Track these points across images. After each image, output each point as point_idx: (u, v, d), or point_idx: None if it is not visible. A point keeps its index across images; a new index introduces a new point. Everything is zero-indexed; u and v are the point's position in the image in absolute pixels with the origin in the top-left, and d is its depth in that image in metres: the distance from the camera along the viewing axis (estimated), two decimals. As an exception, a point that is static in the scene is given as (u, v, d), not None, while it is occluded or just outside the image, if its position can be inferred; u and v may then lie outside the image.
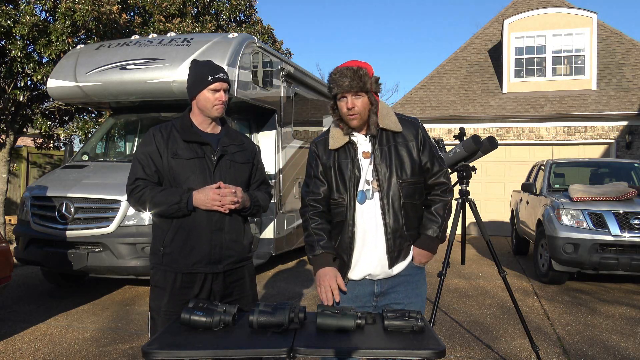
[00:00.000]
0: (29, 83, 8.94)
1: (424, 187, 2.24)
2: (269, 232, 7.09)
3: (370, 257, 2.16)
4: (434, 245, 2.20)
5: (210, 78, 2.32)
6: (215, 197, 2.25)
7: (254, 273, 2.55)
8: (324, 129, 2.39)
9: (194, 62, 2.43)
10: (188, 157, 2.32)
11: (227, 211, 2.30)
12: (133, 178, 2.34)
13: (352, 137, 2.20)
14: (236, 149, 2.44)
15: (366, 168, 2.18)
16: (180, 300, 2.26)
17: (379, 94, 2.21)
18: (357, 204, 2.16)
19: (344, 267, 2.19)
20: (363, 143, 2.21)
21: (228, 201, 2.27)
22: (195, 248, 2.30)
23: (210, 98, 2.33)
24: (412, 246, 2.20)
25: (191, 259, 2.30)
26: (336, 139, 2.21)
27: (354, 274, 2.19)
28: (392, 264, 2.15)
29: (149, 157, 2.33)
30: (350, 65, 2.09)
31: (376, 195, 2.14)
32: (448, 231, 2.42)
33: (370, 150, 2.19)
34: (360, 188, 2.17)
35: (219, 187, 2.27)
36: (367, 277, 2.19)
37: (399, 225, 2.13)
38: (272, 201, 7.04)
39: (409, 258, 2.20)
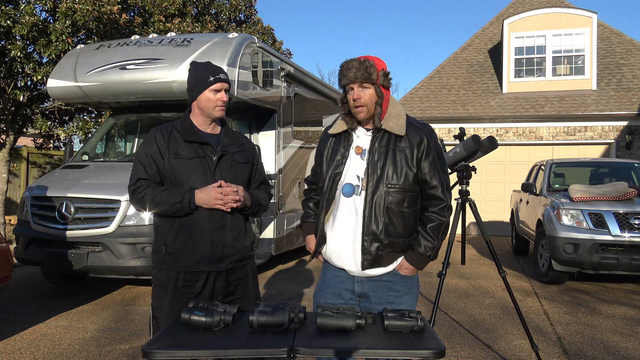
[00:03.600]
0: (29, 83, 8.94)
1: (421, 197, 2.21)
2: (269, 232, 7.09)
3: (346, 252, 2.17)
4: (422, 263, 2.18)
5: (212, 78, 2.33)
6: (217, 195, 2.26)
7: (256, 272, 2.57)
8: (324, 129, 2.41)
9: (193, 63, 2.44)
10: (189, 157, 2.33)
11: (229, 210, 2.31)
12: (135, 178, 2.36)
13: (351, 130, 2.23)
14: (236, 148, 2.46)
15: (358, 164, 2.19)
16: (182, 299, 2.27)
17: (389, 89, 2.20)
18: (342, 196, 2.19)
19: (317, 243, 2.28)
20: (362, 137, 2.22)
21: (230, 199, 2.28)
22: (197, 247, 2.31)
23: (212, 98, 2.34)
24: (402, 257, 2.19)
25: (193, 258, 2.31)
26: (337, 126, 2.28)
27: (329, 256, 2.24)
28: (365, 265, 2.14)
29: (151, 158, 2.35)
30: (358, 58, 2.14)
31: (363, 193, 2.15)
32: (448, 231, 2.41)
33: (363, 147, 2.20)
34: (349, 181, 2.19)
35: (220, 186, 2.29)
36: (344, 268, 2.21)
37: (378, 229, 2.12)
38: (272, 201, 7.10)
39: (392, 266, 2.18)
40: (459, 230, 4.08)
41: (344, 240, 2.18)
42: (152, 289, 2.41)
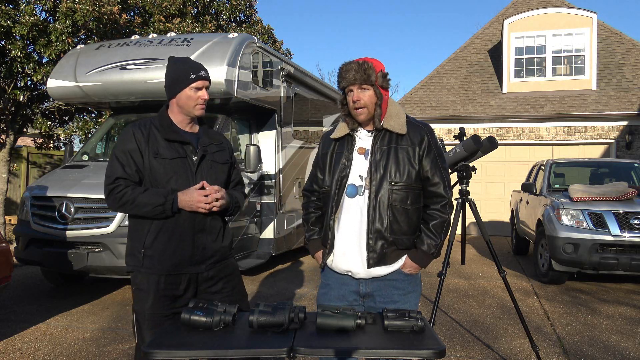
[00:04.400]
0: (29, 83, 8.94)
1: (423, 195, 2.22)
2: (269, 232, 7.09)
3: (352, 252, 2.17)
4: (425, 260, 2.20)
5: (193, 76, 2.25)
6: (200, 198, 2.21)
7: (238, 269, 2.54)
8: (324, 129, 2.41)
9: (171, 59, 2.35)
10: (170, 157, 2.26)
11: (208, 212, 2.27)
12: (113, 177, 2.24)
13: (353, 132, 2.24)
14: (216, 148, 2.40)
15: (361, 164, 2.20)
16: (164, 302, 2.24)
17: (388, 90, 2.22)
18: (345, 197, 2.19)
19: (325, 252, 2.27)
20: (364, 138, 2.23)
21: (216, 203, 2.24)
22: (178, 250, 2.26)
23: (193, 96, 2.27)
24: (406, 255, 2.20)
25: (174, 261, 2.26)
26: (339, 130, 2.29)
27: (336, 263, 2.22)
28: (371, 264, 2.14)
29: (130, 156, 2.25)
30: (357, 60, 2.15)
31: (367, 192, 2.16)
32: (450, 228, 2.42)
33: (366, 147, 2.21)
34: (351, 182, 2.19)
35: (202, 188, 2.24)
36: (348, 273, 2.21)
37: (383, 226, 2.13)
38: (272, 201, 7.11)
39: (397, 264, 2.19)
40: (459, 230, 4.08)
41: (349, 240, 2.18)
42: (132, 293, 2.34)
